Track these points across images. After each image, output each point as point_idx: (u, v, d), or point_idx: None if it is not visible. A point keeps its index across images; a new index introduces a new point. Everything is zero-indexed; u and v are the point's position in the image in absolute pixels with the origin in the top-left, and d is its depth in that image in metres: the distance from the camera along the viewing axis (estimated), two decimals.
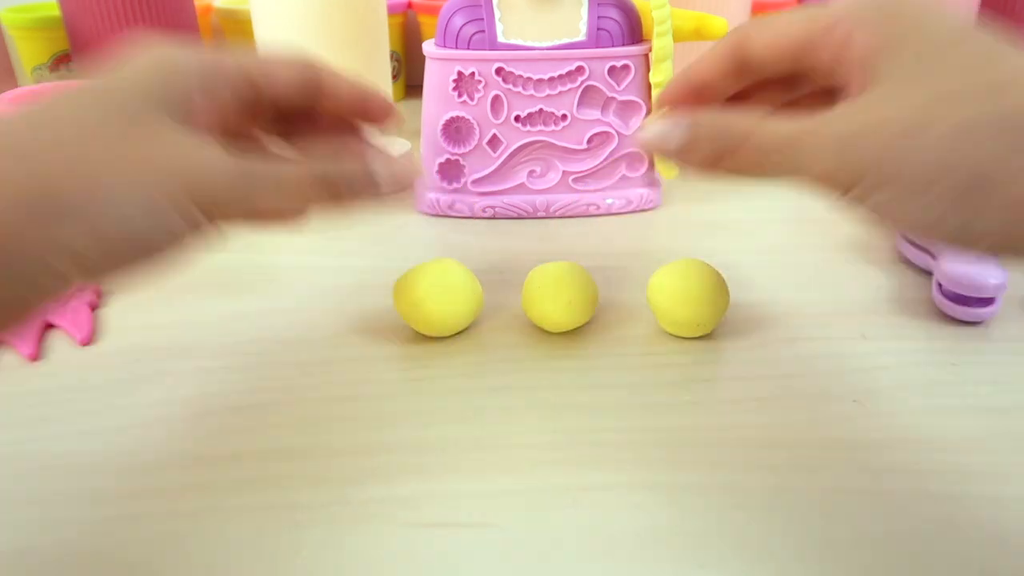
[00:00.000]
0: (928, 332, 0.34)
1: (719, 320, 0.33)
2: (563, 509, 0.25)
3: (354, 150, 0.29)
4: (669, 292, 0.33)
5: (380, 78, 0.57)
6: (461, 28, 0.43)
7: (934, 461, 0.26)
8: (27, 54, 0.65)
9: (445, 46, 0.44)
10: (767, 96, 0.29)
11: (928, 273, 0.39)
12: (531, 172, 0.46)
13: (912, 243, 0.40)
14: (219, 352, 0.34)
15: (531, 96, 0.44)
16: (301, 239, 0.45)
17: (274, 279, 0.40)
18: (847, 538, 0.23)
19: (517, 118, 0.44)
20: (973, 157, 0.20)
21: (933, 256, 0.38)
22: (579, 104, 0.44)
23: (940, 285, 0.35)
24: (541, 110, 0.44)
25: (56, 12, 0.62)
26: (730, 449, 0.27)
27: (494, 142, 0.45)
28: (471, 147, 0.45)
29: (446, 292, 0.32)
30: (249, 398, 0.31)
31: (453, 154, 0.45)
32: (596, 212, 0.47)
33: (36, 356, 0.34)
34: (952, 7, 0.50)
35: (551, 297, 0.33)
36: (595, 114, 0.45)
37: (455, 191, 0.46)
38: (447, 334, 0.34)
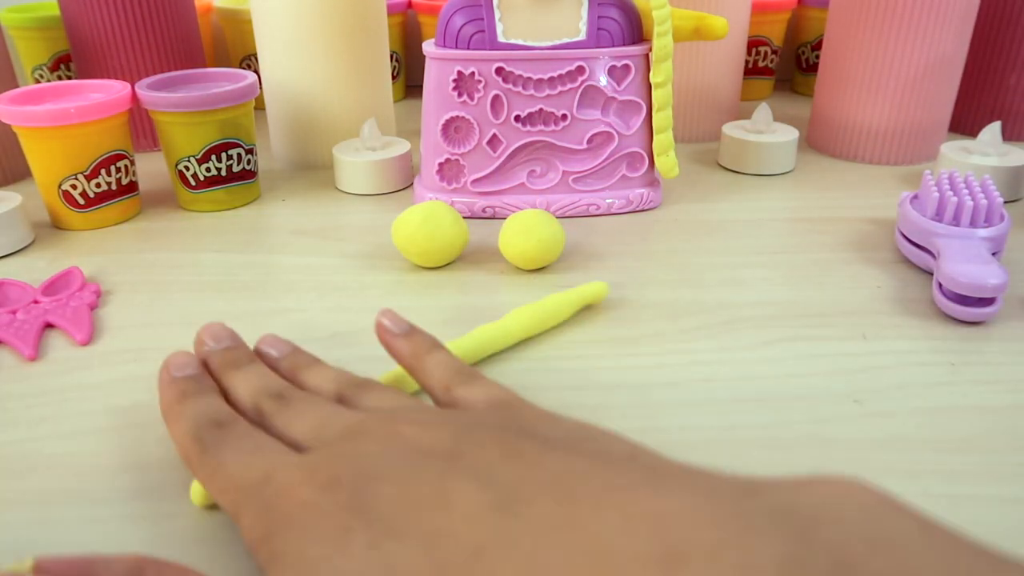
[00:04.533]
0: (928, 332, 0.34)
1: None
2: None
3: None
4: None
5: (380, 78, 0.57)
6: (461, 28, 0.43)
7: (934, 461, 0.26)
8: (27, 54, 0.65)
9: (445, 46, 0.44)
10: None
11: (928, 273, 0.39)
12: (531, 172, 0.46)
13: (912, 242, 0.40)
14: None
15: (531, 96, 0.44)
16: (301, 239, 0.45)
17: (274, 279, 0.40)
18: None
19: (517, 118, 0.44)
20: None
21: (933, 256, 0.38)
22: (579, 104, 0.44)
23: (940, 285, 0.35)
24: (541, 110, 0.44)
25: (56, 12, 0.62)
26: (730, 449, 0.27)
27: (494, 142, 0.45)
28: (471, 147, 0.45)
29: (435, 227, 0.39)
30: None
31: (453, 154, 0.45)
32: (596, 212, 0.47)
33: (36, 356, 0.34)
34: (954, 11, 0.50)
35: (523, 237, 0.39)
36: (595, 114, 0.45)
37: (455, 191, 0.46)
38: (436, 264, 0.40)
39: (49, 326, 0.36)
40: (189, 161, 0.47)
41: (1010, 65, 0.58)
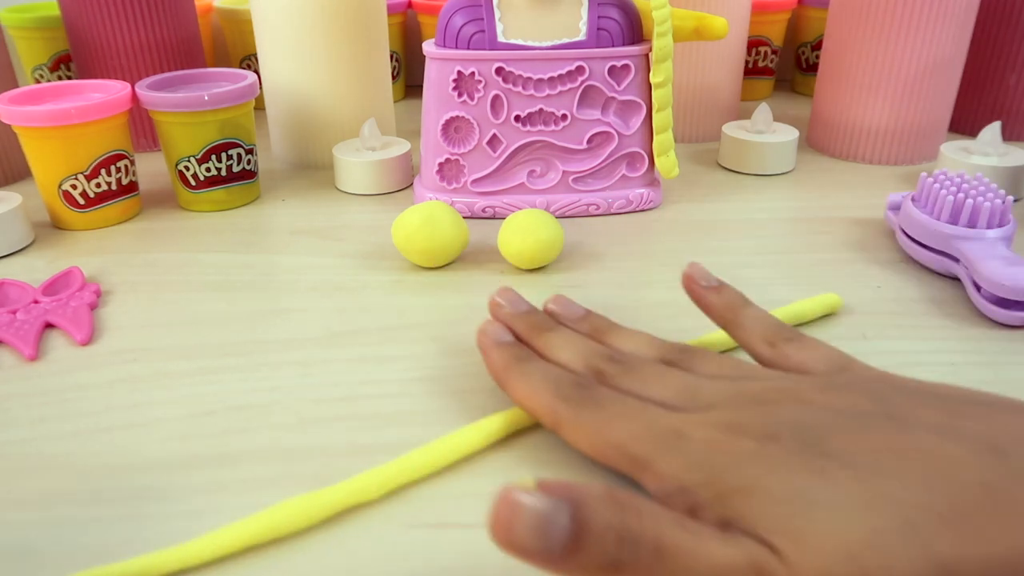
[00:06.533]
0: (929, 332, 0.34)
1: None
2: None
3: None
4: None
5: (380, 78, 0.57)
6: (461, 28, 0.43)
7: None
8: (27, 54, 0.65)
9: (445, 46, 0.44)
10: None
11: (931, 272, 0.39)
12: (531, 172, 0.46)
13: (913, 241, 0.40)
14: (219, 352, 0.34)
15: (531, 96, 0.44)
16: (301, 239, 0.45)
17: (274, 279, 0.40)
18: None
19: (517, 118, 0.44)
20: None
21: (952, 258, 0.38)
22: (579, 104, 0.44)
23: (979, 288, 0.35)
24: (541, 110, 0.44)
25: (56, 12, 0.62)
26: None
27: (494, 142, 0.45)
28: (471, 147, 0.45)
29: (435, 227, 0.39)
30: (249, 398, 0.31)
31: (453, 154, 0.45)
32: (596, 212, 0.47)
33: (36, 356, 0.34)
34: (954, 11, 0.50)
35: (522, 236, 0.39)
36: (595, 114, 0.45)
37: (455, 191, 0.46)
38: (436, 265, 0.40)
39: (49, 326, 0.36)
40: (189, 161, 0.47)
41: (1010, 65, 0.58)
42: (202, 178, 0.48)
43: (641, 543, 0.18)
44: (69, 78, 0.65)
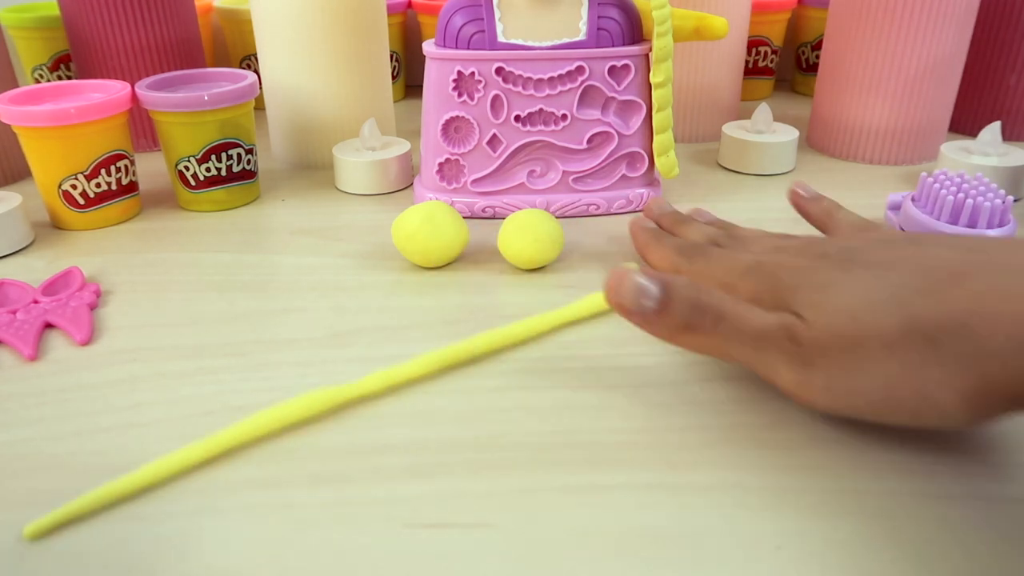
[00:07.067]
0: None
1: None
2: (563, 509, 0.25)
3: None
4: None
5: (380, 78, 0.57)
6: (461, 28, 0.43)
7: (934, 461, 0.26)
8: (27, 54, 0.65)
9: (445, 46, 0.44)
10: None
11: None
12: (531, 172, 0.46)
13: None
14: (219, 352, 0.34)
15: (531, 96, 0.44)
16: (301, 239, 0.45)
17: (274, 279, 0.40)
18: (847, 538, 0.23)
19: (517, 118, 0.44)
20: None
21: None
22: (579, 104, 0.44)
23: None
24: (541, 110, 0.44)
25: (56, 12, 0.62)
26: (730, 449, 0.27)
27: (494, 142, 0.45)
28: (471, 147, 0.45)
29: (435, 227, 0.39)
30: (249, 398, 0.31)
31: (453, 154, 0.45)
32: (596, 212, 0.47)
33: (36, 356, 0.34)
34: (954, 11, 0.50)
35: (522, 236, 0.39)
36: (595, 114, 0.45)
37: (455, 191, 0.46)
38: (436, 265, 0.40)
39: (49, 326, 0.36)
40: (189, 161, 0.47)
41: (1010, 65, 0.58)
42: (202, 178, 0.48)
43: (707, 311, 0.27)
44: (69, 78, 0.65)
